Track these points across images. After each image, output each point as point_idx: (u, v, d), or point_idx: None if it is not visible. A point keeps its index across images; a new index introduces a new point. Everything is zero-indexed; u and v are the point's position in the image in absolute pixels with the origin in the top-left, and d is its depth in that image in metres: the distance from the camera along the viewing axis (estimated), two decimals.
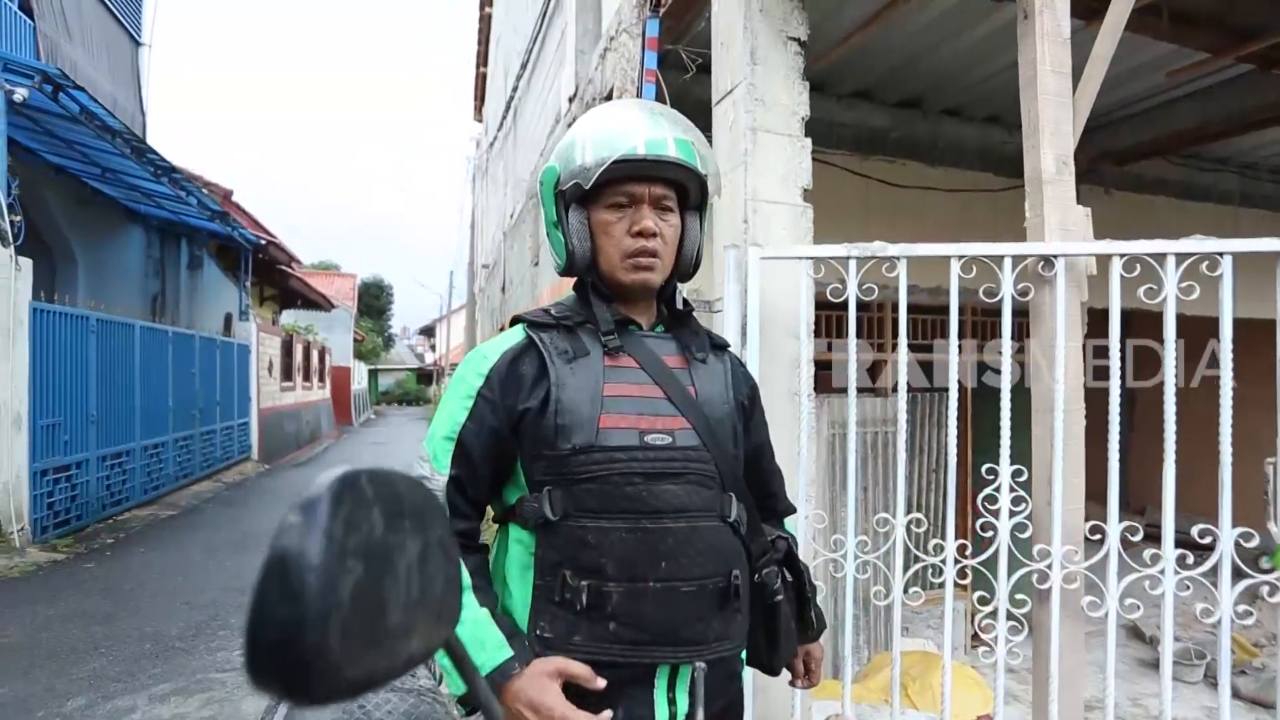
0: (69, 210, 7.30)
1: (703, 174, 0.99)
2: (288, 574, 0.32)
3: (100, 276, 7.70)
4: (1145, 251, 1.62)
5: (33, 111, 5.57)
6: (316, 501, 0.33)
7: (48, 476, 5.44)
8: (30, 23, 7.93)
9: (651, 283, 0.99)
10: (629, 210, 0.98)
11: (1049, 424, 1.69)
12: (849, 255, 1.79)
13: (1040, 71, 1.66)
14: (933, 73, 3.53)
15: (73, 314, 5.86)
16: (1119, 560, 1.65)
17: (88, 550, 5.35)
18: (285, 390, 12.76)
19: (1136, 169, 4.50)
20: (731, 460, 1.00)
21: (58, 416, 5.59)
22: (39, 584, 4.45)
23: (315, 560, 0.32)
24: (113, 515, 6.41)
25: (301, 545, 0.32)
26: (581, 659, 0.89)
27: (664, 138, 0.96)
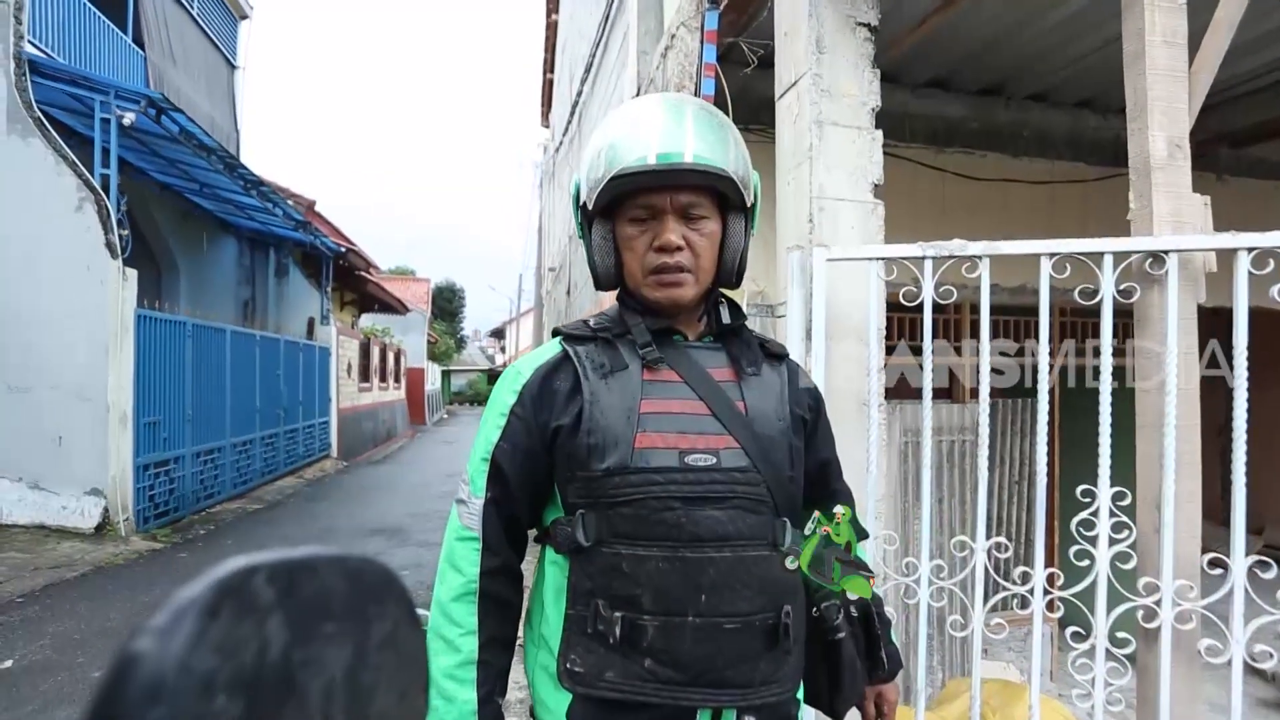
0: (173, 223, 7.88)
1: (731, 177, 0.87)
2: None
3: (200, 284, 8.27)
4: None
5: (140, 133, 6.03)
6: (180, 617, 0.23)
7: (149, 471, 5.87)
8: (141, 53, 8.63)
9: (680, 299, 0.90)
10: (651, 223, 0.89)
11: (1158, 442, 1.49)
12: (924, 255, 1.64)
13: (1149, 43, 1.47)
14: (1016, 56, 3.27)
15: (172, 320, 6.30)
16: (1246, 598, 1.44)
17: (183, 540, 5.74)
18: (363, 391, 13.36)
19: (1257, 151, 4.04)
20: (786, 483, 0.90)
21: (158, 415, 6.02)
22: (139, 571, 4.79)
23: (159, 715, 0.22)
24: (205, 508, 6.86)
25: (141, 687, 0.22)
26: (613, 697, 0.83)
27: (679, 144, 0.85)
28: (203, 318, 6.95)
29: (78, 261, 5.53)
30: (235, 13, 11.40)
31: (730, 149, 0.89)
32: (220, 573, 0.25)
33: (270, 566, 0.26)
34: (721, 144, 0.88)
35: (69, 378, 5.47)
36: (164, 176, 7.46)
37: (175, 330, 6.33)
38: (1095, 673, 1.52)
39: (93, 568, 4.75)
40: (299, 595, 0.26)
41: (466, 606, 0.89)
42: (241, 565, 0.25)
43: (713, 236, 0.91)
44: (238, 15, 11.49)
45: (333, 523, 6.56)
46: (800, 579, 0.91)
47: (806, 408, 0.99)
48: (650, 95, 0.95)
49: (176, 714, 0.21)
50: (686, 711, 0.84)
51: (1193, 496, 1.54)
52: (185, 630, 0.22)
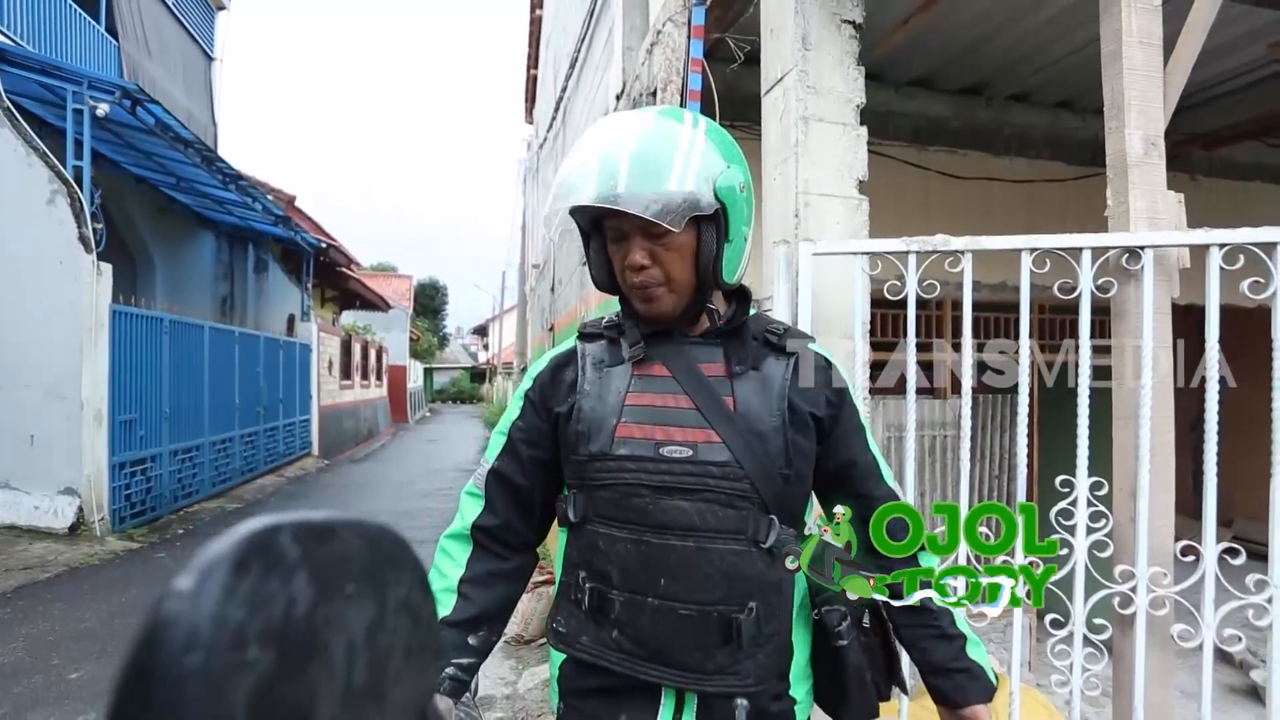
0: (149, 217, 7.73)
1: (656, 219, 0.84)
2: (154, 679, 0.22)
3: (176, 280, 8.13)
4: (1251, 240, 1.45)
5: (114, 125, 5.90)
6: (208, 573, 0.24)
7: (125, 469, 5.76)
8: (115, 43, 8.45)
9: (657, 312, 0.92)
10: (623, 243, 0.90)
11: (1134, 433, 1.53)
12: (908, 250, 1.67)
13: (1126, 43, 1.51)
14: (998, 56, 3.32)
15: (148, 316, 6.18)
16: (1216, 585, 1.48)
17: (161, 540, 5.64)
18: (344, 388, 13.22)
19: (1227, 153, 4.15)
20: (778, 479, 0.90)
21: (134, 413, 5.91)
22: (116, 572, 4.71)
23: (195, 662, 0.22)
24: (184, 507, 6.75)
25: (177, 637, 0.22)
26: (586, 660, 0.92)
27: (612, 182, 0.85)
28: (180, 314, 6.82)
29: (50, 256, 5.41)
30: (213, 3, 11.19)
31: (675, 170, 0.86)
32: (247, 529, 0.25)
33: (294, 526, 0.26)
34: (659, 172, 0.85)
35: (42, 375, 5.35)
36: (139, 169, 7.32)
37: (152, 326, 6.22)
38: (1073, 658, 1.55)
39: (67, 569, 4.65)
40: (321, 555, 0.27)
41: (460, 545, 0.99)
42: (268, 523, 0.26)
43: (682, 249, 0.89)
44: (215, 6, 11.27)
45: None
46: (783, 577, 0.91)
47: (822, 404, 0.95)
48: (608, 120, 0.95)
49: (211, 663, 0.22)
50: (650, 686, 0.90)
51: (1166, 486, 1.58)
52: (217, 582, 0.23)
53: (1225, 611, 1.47)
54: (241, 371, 8.25)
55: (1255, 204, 4.25)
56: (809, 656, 0.99)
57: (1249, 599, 1.45)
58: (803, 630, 0.97)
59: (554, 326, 9.33)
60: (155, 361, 6.26)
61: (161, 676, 0.22)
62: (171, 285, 7.93)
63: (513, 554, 1.00)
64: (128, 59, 8.64)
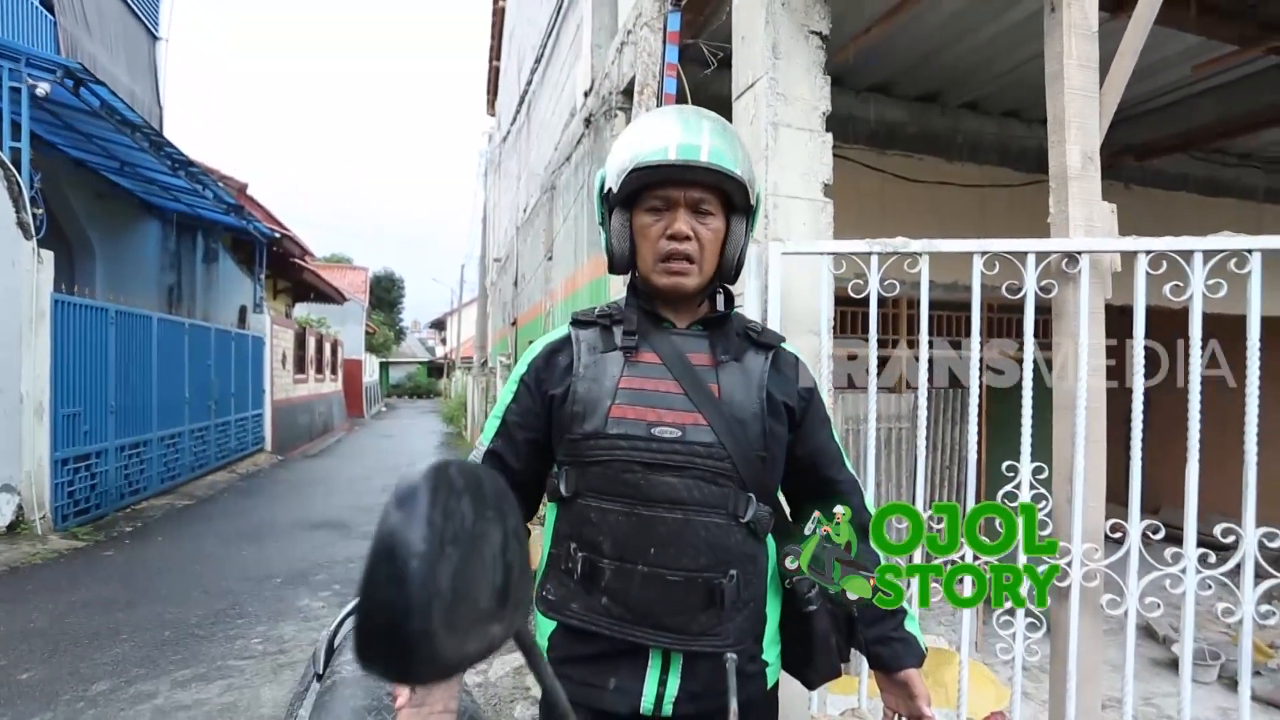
0: (88, 203, 7.38)
1: (739, 178, 0.98)
2: (395, 562, 0.34)
3: (118, 269, 7.78)
4: (1173, 248, 1.61)
5: (54, 106, 5.63)
6: (415, 491, 0.35)
7: (68, 465, 5.53)
8: (51, 18, 8.02)
9: (684, 286, 1.00)
10: (665, 214, 0.99)
11: (1071, 422, 1.68)
12: (870, 251, 1.78)
13: (1066, 65, 1.64)
14: (952, 66, 3.50)
15: (93, 306, 5.93)
16: (1140, 561, 1.64)
17: (107, 538, 5.44)
18: (298, 382, 12.87)
19: (1158, 164, 4.45)
20: (756, 461, 0.98)
21: (78, 406, 5.67)
22: (61, 571, 4.53)
23: (419, 548, 0.34)
24: (131, 504, 6.51)
25: (406, 534, 0.34)
26: (575, 626, 0.98)
27: (698, 143, 0.97)
28: (124, 304, 6.55)
29: None
30: None
31: (740, 156, 1.00)
32: (430, 465, 0.34)
33: (455, 463, 0.35)
34: (732, 150, 0.99)
35: None
36: (78, 152, 6.98)
37: (97, 317, 5.96)
38: (1016, 628, 1.69)
39: (7, 568, 4.46)
40: (472, 485, 0.35)
41: None
42: (440, 460, 0.35)
43: (718, 233, 1.01)
44: None
45: (271, 517, 6.34)
46: (759, 549, 1.00)
47: (795, 397, 1.05)
48: (668, 107, 1.07)
49: (429, 559, 0.30)
50: (638, 648, 0.96)
51: (1099, 470, 1.73)
52: (424, 500, 0.31)
53: (1147, 581, 1.63)
54: (192, 364, 7.97)
55: (1181, 212, 4.57)
56: (779, 623, 1.07)
57: (1166, 570, 1.61)
58: (774, 598, 1.06)
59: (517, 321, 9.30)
60: (100, 353, 6.01)
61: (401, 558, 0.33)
62: (113, 274, 7.59)
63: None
64: (65, 35, 8.21)
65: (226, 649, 3.31)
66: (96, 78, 5.57)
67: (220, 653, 3.26)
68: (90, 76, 5.45)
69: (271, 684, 2.94)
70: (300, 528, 5.95)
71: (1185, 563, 1.61)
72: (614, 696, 0.96)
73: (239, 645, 3.36)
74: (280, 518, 6.34)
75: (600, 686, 0.97)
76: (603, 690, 0.96)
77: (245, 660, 3.18)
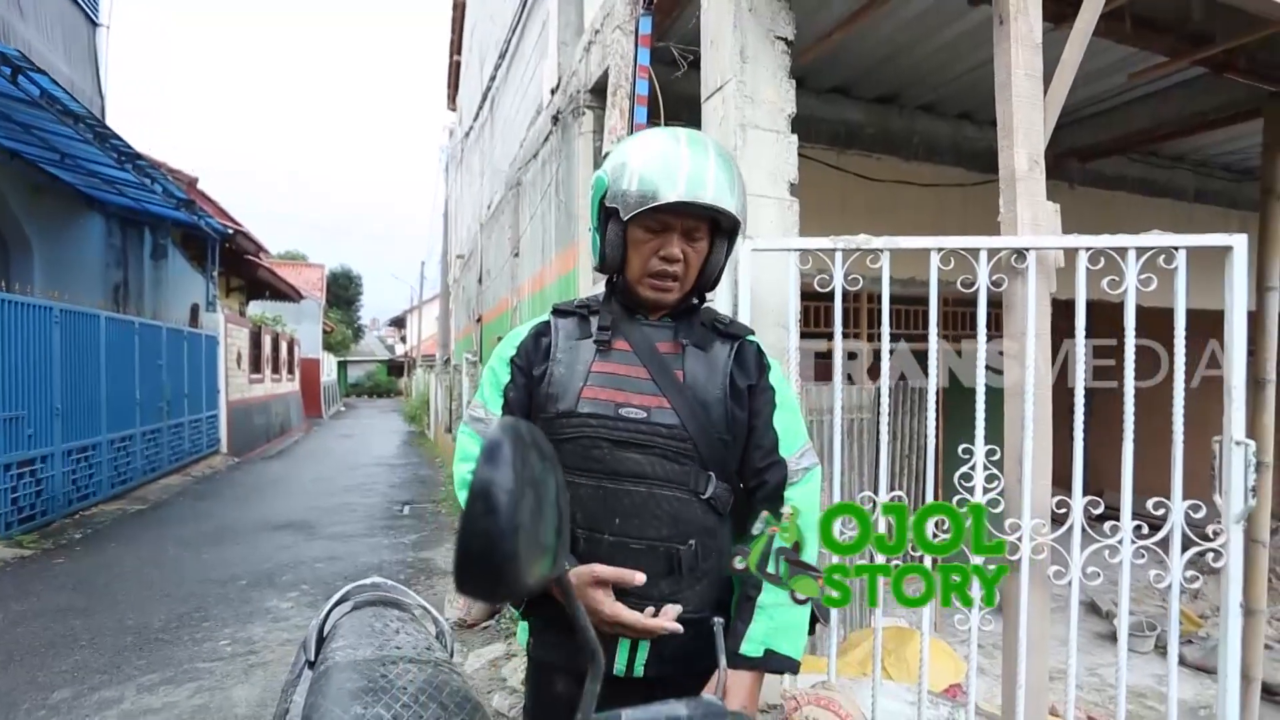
0: (24, 197, 7.04)
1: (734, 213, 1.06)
2: (490, 497, 0.42)
3: (58, 266, 7.45)
4: (1109, 245, 1.74)
5: None
6: (500, 443, 0.44)
7: (11, 471, 5.31)
8: None
9: (666, 301, 1.11)
10: (661, 236, 1.07)
11: (1020, 407, 1.80)
12: (835, 247, 1.87)
13: (1014, 75, 1.76)
14: (908, 70, 3.64)
15: (34, 304, 5.69)
16: (1083, 536, 1.78)
17: (56, 546, 5.24)
18: (254, 382, 12.52)
19: (1098, 166, 4.70)
20: (716, 442, 1.07)
21: (20, 409, 5.44)
22: (7, 580, 4.36)
23: (509, 486, 0.42)
24: (80, 510, 6.27)
25: (498, 475, 0.42)
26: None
27: (704, 180, 1.03)
28: (67, 302, 6.29)
29: None
30: None
31: (738, 190, 1.08)
32: (508, 421, 0.41)
33: (524, 423, 0.44)
34: (732, 186, 1.06)
35: None
36: (13, 143, 6.65)
37: (39, 316, 5.72)
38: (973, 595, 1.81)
39: None
40: (536, 441, 0.43)
41: None
42: (509, 418, 0.43)
43: (702, 252, 1.11)
44: None
45: (231, 520, 6.18)
46: (717, 523, 1.08)
47: (752, 377, 1.12)
48: (678, 131, 1.11)
49: (515, 497, 0.38)
50: None
51: (1046, 452, 1.86)
52: (508, 449, 0.39)
53: (1089, 553, 1.77)
54: (142, 365, 7.69)
55: (1121, 211, 4.84)
56: None
57: (1106, 541, 1.75)
58: None
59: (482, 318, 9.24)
60: (44, 354, 5.77)
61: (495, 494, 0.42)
62: (53, 272, 7.26)
63: None
64: None
65: (194, 651, 3.25)
66: (35, 65, 5.33)
67: (187, 655, 3.20)
68: (29, 64, 5.22)
69: (244, 684, 2.91)
70: (262, 529, 5.83)
71: (1122, 533, 1.75)
72: None
73: (207, 648, 3.30)
74: (241, 520, 6.20)
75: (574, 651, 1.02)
76: (576, 655, 1.02)
77: (214, 662, 3.13)
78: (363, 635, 1.33)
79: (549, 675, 1.11)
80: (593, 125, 3.63)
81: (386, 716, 1.15)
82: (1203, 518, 1.79)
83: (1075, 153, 4.38)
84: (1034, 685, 1.82)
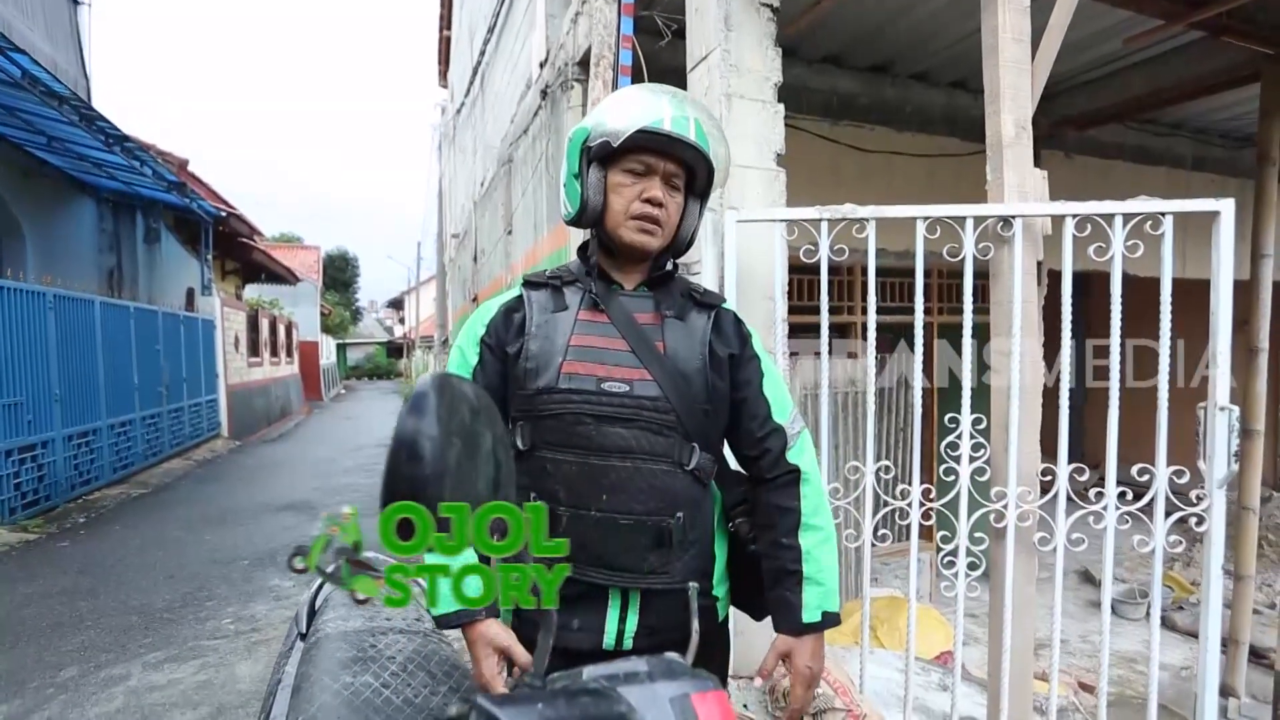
0: (13, 182, 6.98)
1: (712, 162, 1.09)
2: (415, 445, 0.43)
3: (50, 251, 7.41)
4: (1095, 212, 1.73)
5: None
6: (426, 393, 0.45)
7: (13, 457, 5.33)
8: None
9: (650, 246, 1.08)
10: (643, 178, 1.07)
11: (1006, 375, 1.80)
12: (820, 218, 1.86)
13: (1001, 39, 1.73)
14: (901, 38, 3.58)
15: (29, 290, 5.67)
16: (1070, 504, 1.79)
17: (60, 530, 5.29)
18: (253, 366, 12.53)
19: (1095, 134, 4.64)
20: (699, 413, 1.06)
21: (19, 395, 5.45)
22: (13, 564, 4.41)
23: (432, 432, 0.43)
24: (83, 495, 6.32)
25: (420, 422, 0.43)
26: None
27: (688, 120, 1.06)
28: (61, 287, 6.27)
29: None
30: None
31: (721, 146, 1.11)
32: (433, 373, 0.41)
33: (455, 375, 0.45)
34: (715, 138, 1.11)
35: None
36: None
37: (34, 301, 5.70)
38: (959, 566, 1.84)
39: None
40: (468, 394, 0.43)
41: None
42: (443, 371, 0.43)
43: (680, 207, 1.11)
44: None
45: (233, 502, 6.24)
46: (703, 494, 1.08)
47: (734, 346, 1.12)
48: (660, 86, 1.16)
49: (440, 443, 0.38)
50: (598, 588, 1.04)
51: (1033, 421, 1.86)
52: (433, 399, 0.39)
53: (1074, 519, 1.79)
54: (139, 349, 7.69)
55: (1118, 180, 4.80)
56: (726, 563, 1.17)
57: (1091, 508, 1.77)
58: (722, 540, 1.16)
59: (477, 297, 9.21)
60: (41, 340, 5.76)
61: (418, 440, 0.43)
62: (45, 256, 7.23)
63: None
64: None
65: (197, 630, 3.30)
66: (15, 45, 5.24)
67: (191, 634, 3.25)
68: (9, 44, 5.13)
69: (247, 660, 2.96)
70: (265, 511, 5.88)
71: (1106, 500, 1.77)
72: (578, 635, 1.04)
73: (210, 626, 3.35)
74: (243, 502, 6.25)
75: (564, 627, 1.03)
76: (567, 630, 1.03)
77: (218, 640, 3.19)
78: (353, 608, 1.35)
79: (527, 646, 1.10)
80: (580, 99, 3.59)
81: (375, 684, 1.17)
82: (1187, 483, 1.80)
83: (1071, 121, 4.32)
84: (1019, 649, 1.85)
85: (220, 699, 2.64)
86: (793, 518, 1.09)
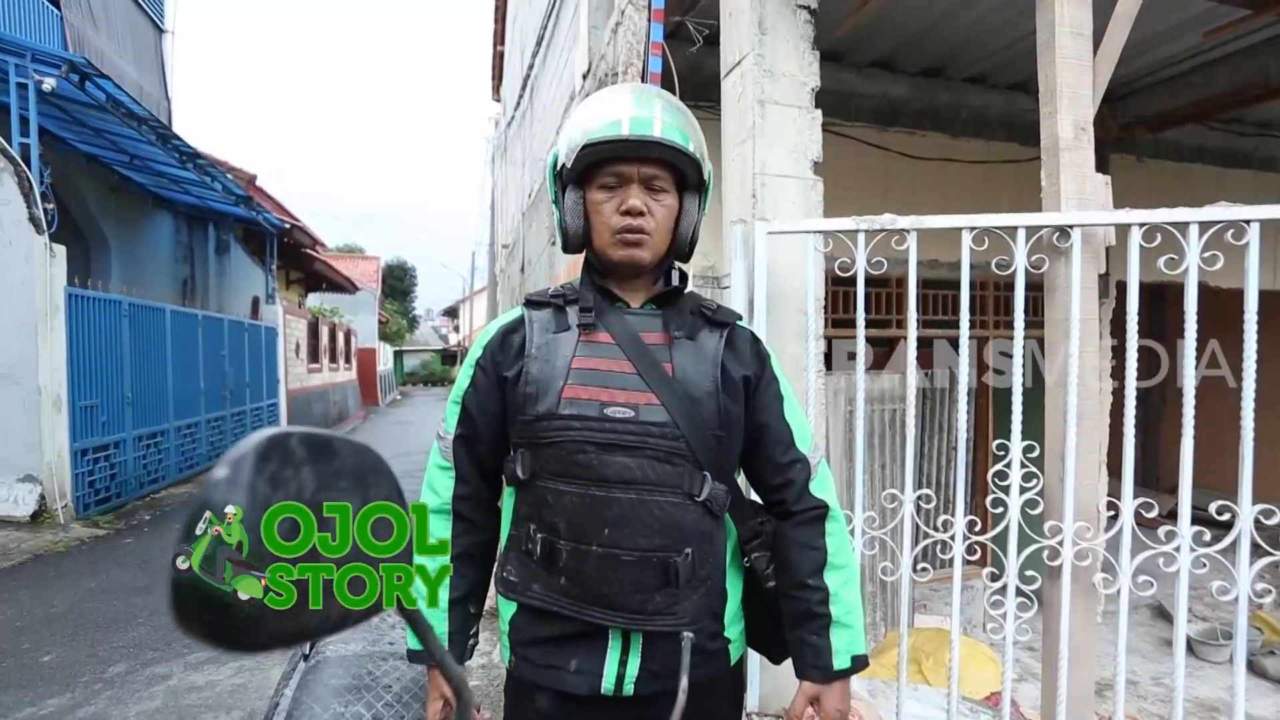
0: (101, 197, 7.48)
1: (692, 155, 0.98)
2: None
3: (132, 262, 7.89)
4: (1166, 220, 1.56)
5: (62, 100, 5.69)
6: (242, 459, 0.35)
7: (88, 456, 5.66)
8: (58, 13, 8.08)
9: (639, 259, 1.00)
10: (619, 191, 0.99)
11: (1062, 399, 1.65)
12: (857, 228, 1.75)
13: (1059, 33, 1.60)
14: (955, 39, 3.41)
15: (106, 299, 6.03)
16: (1136, 539, 1.62)
17: (127, 526, 5.57)
18: (312, 371, 13.03)
19: (1172, 136, 4.32)
20: (711, 439, 0.98)
21: (95, 398, 5.79)
22: (82, 558, 4.66)
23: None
24: (150, 493, 6.66)
25: (224, 499, 0.34)
26: (537, 606, 0.98)
27: (649, 118, 0.96)
28: (138, 297, 6.65)
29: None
30: None
31: (691, 134, 1.00)
32: (268, 432, 0.34)
33: (299, 434, 0.35)
34: (684, 128, 0.99)
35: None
36: (89, 147, 7.06)
37: (110, 309, 6.06)
38: (1007, 607, 1.68)
39: (31, 556, 4.59)
40: (321, 457, 0.35)
41: (443, 522, 1.04)
42: (282, 429, 0.35)
43: (670, 209, 1.01)
44: None
45: None
46: (714, 527, 0.99)
47: (752, 372, 1.03)
48: (622, 84, 1.07)
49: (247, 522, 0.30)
50: (598, 628, 0.96)
51: (1093, 448, 1.70)
52: (248, 469, 0.31)
53: (1141, 559, 1.61)
54: (206, 355, 8.09)
55: (1198, 185, 4.44)
56: (740, 601, 1.07)
57: (1160, 548, 1.59)
58: (735, 577, 1.06)
59: None
60: (115, 346, 6.12)
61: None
62: (128, 267, 7.70)
63: (487, 519, 1.08)
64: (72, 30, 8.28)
65: None
66: (101, 71, 5.61)
67: None
68: (95, 70, 5.49)
69: (280, 666, 3.01)
70: None
71: (1179, 540, 1.58)
72: (574, 678, 0.96)
73: None
74: None
75: (561, 668, 0.97)
76: (563, 671, 0.97)
77: None
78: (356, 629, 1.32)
79: (529, 692, 1.02)
80: None
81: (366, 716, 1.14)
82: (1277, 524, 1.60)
83: (1144, 122, 4.02)
84: (1076, 697, 1.68)
85: (252, 704, 2.69)
86: (819, 556, 1.02)
